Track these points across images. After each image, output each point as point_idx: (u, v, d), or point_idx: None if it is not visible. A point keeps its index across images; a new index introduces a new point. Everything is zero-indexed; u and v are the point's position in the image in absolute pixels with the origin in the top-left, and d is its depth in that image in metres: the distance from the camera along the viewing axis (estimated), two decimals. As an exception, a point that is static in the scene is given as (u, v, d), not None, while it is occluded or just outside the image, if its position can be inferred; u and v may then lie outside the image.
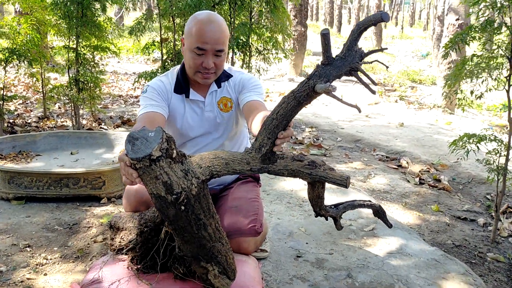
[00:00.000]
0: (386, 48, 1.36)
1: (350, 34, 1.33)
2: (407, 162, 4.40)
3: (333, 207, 1.79)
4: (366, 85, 1.29)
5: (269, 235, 2.55)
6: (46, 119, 5.83)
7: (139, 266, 1.74)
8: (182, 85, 2.03)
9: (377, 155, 4.69)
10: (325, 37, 1.27)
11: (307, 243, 2.49)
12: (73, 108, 5.11)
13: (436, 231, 2.95)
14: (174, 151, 1.36)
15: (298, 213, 2.89)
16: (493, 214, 3.29)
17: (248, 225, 1.90)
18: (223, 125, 2.09)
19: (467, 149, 2.70)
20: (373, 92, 1.29)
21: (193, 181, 1.39)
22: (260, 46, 5.01)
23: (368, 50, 1.32)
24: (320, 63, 1.31)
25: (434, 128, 6.01)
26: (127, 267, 1.74)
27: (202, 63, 1.90)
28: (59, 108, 6.64)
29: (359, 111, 1.27)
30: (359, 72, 1.33)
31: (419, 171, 4.17)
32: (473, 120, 7.51)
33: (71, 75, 4.98)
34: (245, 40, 4.71)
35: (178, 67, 2.09)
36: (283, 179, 3.49)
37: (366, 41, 19.01)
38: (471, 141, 2.72)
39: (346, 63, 1.31)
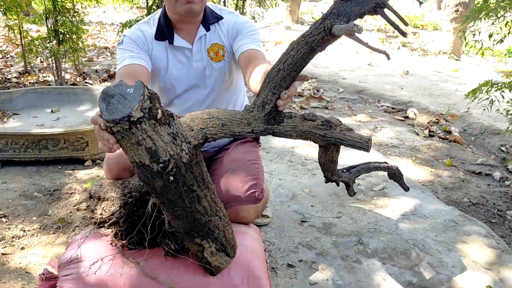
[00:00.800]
0: (420, -23, 1.11)
1: (374, -40, 1.07)
2: (415, 113, 4.18)
3: (345, 171, 1.59)
4: (396, 26, 1.05)
5: (271, 198, 2.37)
6: (27, 74, 5.53)
7: (124, 242, 1.55)
8: (165, 30, 1.77)
9: (382, 106, 4.46)
10: (344, -38, 1.01)
11: (312, 206, 2.31)
12: (54, 62, 4.81)
13: (451, 188, 2.78)
14: (159, 111, 1.13)
15: (301, 172, 2.70)
16: (510, 167, 3.12)
17: (247, 191, 1.70)
18: (213, 77, 1.85)
19: (491, 99, 2.48)
20: (404, 34, 1.05)
21: (183, 146, 1.17)
22: (255, -12, 4.67)
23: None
24: (337, -3, 1.06)
25: (441, 75, 5.76)
26: (111, 243, 1.55)
27: None
28: (41, 62, 6.31)
29: (388, 57, 1.04)
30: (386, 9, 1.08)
31: (428, 123, 3.97)
32: (479, 66, 7.26)
33: (49, 25, 4.63)
34: (238, -18, 4.36)
35: (160, 10, 1.82)
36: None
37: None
38: (492, 89, 2.49)
39: (370, -4, 1.06)
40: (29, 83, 5.16)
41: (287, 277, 1.79)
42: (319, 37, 1.06)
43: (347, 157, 2.77)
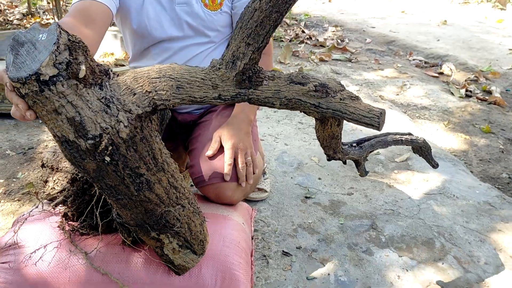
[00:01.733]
0: None
1: None
2: (451, 69, 3.75)
3: (355, 145, 1.27)
4: None
5: (272, 167, 2.07)
6: (30, 16, 5.25)
7: (76, 225, 1.28)
8: None
9: (413, 60, 4.03)
10: None
11: (319, 179, 2.00)
12: (54, 3, 4.49)
13: (487, 160, 2.42)
14: (82, 67, 0.81)
15: (312, 137, 2.37)
16: (559, 137, 2.72)
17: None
18: (201, 27, 1.51)
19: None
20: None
21: (121, 116, 0.86)
22: None
23: None
24: None
25: (483, 26, 5.21)
26: (59, 226, 1.28)
27: None
28: (48, 3, 6.01)
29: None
30: None
31: (465, 81, 3.54)
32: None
33: (46, -40, 4.29)
34: None
35: None
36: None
37: None
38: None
39: None
40: (30, 24, 4.88)
41: (280, 268, 1.51)
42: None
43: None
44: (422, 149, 1.39)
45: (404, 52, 4.25)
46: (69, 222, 1.29)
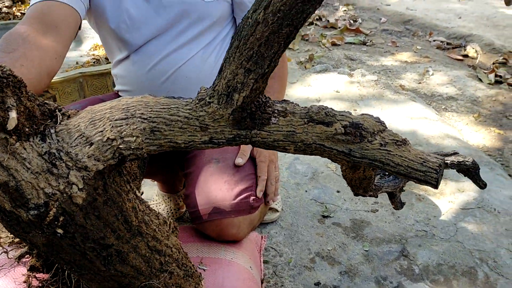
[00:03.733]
0: None
1: None
2: (476, 51, 3.45)
3: (387, 175, 1.03)
4: None
5: (283, 177, 1.83)
6: (20, 3, 5.00)
7: (46, 278, 1.05)
8: None
9: (434, 41, 3.73)
10: None
11: (338, 192, 1.76)
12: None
13: (526, 160, 2.16)
14: (12, 114, 0.58)
15: (327, 139, 2.12)
16: None
17: (237, 197, 1.16)
18: (197, 21, 1.26)
19: None
20: None
21: (73, 176, 0.62)
22: None
23: None
24: None
25: (507, 0, 4.87)
26: (25, 281, 1.06)
27: None
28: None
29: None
30: None
31: (493, 64, 3.25)
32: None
33: None
34: None
35: None
36: (307, 82, 2.66)
37: None
38: None
39: None
40: (21, 13, 4.64)
41: (297, 312, 1.28)
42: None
43: (388, 114, 2.16)
44: (469, 171, 1.14)
45: (423, 32, 3.95)
46: (37, 276, 1.07)
